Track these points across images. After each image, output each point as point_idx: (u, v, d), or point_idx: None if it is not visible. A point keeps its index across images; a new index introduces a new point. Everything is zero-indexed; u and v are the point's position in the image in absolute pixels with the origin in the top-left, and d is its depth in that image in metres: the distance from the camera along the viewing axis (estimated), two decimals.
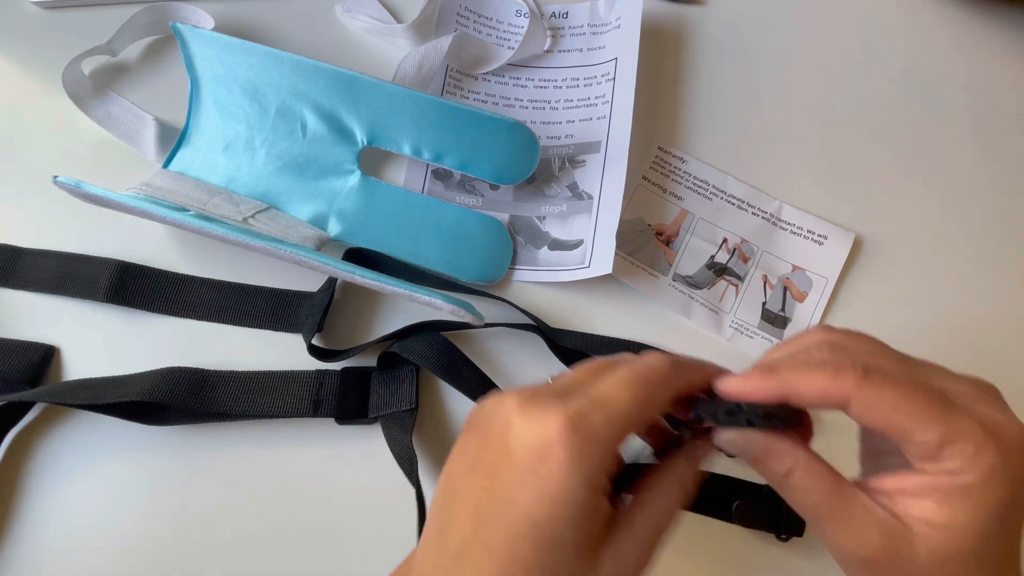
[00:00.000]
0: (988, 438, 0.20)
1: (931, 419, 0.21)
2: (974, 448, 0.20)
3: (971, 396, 0.22)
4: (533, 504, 0.21)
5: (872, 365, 0.22)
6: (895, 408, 0.21)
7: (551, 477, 0.21)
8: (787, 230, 0.43)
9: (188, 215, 0.37)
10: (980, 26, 0.48)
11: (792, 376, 0.22)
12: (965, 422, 0.21)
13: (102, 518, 0.37)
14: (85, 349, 0.40)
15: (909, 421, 0.21)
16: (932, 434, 0.21)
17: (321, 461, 0.38)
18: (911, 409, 0.21)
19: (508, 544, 0.21)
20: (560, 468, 0.21)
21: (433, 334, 0.39)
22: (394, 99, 0.40)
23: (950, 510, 0.21)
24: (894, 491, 0.22)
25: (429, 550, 0.24)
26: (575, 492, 0.21)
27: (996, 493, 0.20)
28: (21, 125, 0.44)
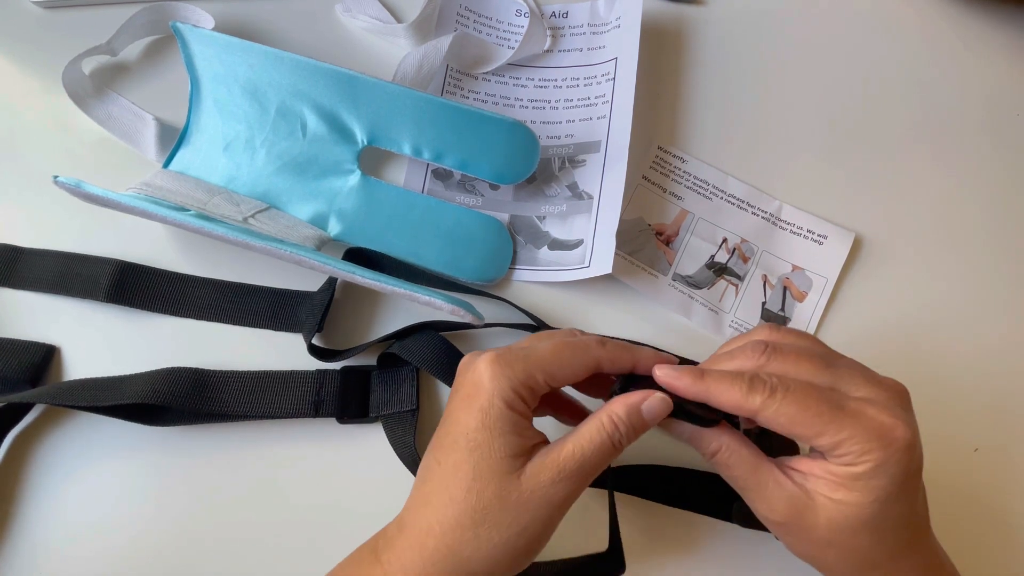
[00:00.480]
0: (872, 438, 0.26)
1: (823, 428, 0.26)
2: (860, 448, 0.26)
3: (871, 401, 0.27)
4: (465, 417, 0.28)
5: (783, 381, 0.27)
6: (793, 421, 0.26)
7: (478, 394, 0.28)
8: (787, 230, 0.44)
9: (188, 215, 0.37)
10: (980, 25, 0.48)
11: (715, 386, 0.28)
12: (853, 427, 0.26)
13: (102, 519, 0.37)
14: (85, 349, 0.40)
15: (805, 431, 0.26)
16: (825, 440, 0.26)
17: (322, 461, 0.38)
18: (807, 421, 0.26)
19: (449, 453, 0.28)
20: (485, 386, 0.28)
21: (433, 335, 0.39)
22: (394, 99, 0.40)
23: (844, 490, 0.27)
24: (807, 471, 0.28)
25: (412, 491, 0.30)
26: (493, 403, 0.27)
27: (880, 481, 0.26)
28: (21, 125, 0.44)
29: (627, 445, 0.29)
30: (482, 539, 0.27)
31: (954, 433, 0.40)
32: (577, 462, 0.27)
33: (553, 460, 0.28)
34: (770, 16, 0.48)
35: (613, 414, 0.28)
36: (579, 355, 0.29)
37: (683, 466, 0.39)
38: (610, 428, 0.28)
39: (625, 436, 0.28)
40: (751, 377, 0.27)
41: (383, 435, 0.38)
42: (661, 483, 0.38)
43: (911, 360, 0.42)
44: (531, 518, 0.27)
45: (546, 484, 0.27)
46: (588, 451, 0.28)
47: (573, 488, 0.28)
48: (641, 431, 0.29)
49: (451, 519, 0.27)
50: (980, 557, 0.38)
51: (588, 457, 0.28)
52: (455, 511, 0.27)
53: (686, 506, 0.38)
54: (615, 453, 0.28)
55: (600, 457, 0.28)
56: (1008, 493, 0.40)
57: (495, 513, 0.27)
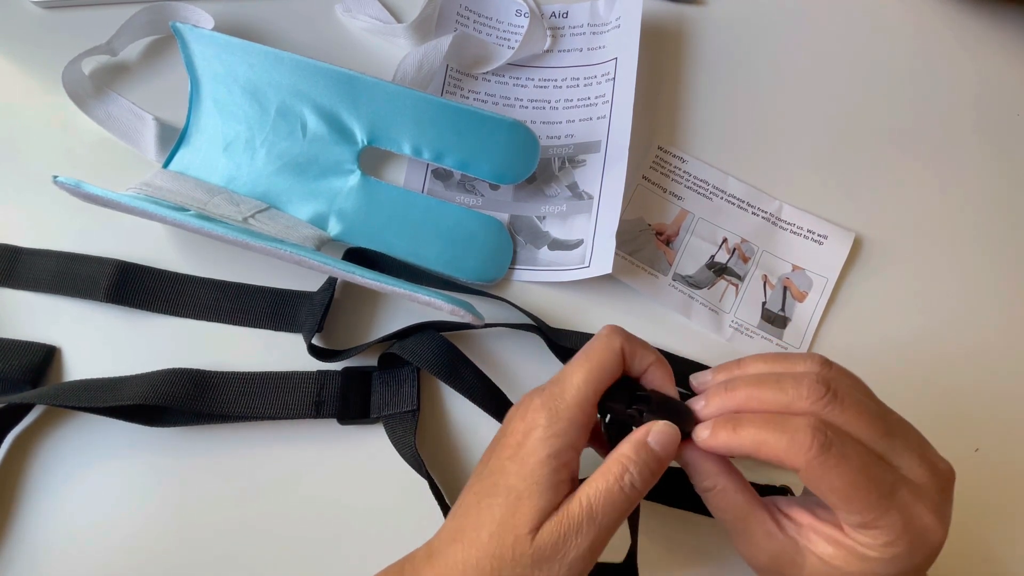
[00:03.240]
0: (905, 536, 0.24)
1: (864, 508, 0.24)
2: (887, 539, 0.24)
3: (921, 492, 0.25)
4: (511, 465, 0.27)
5: (839, 439, 0.25)
6: (833, 490, 0.25)
7: (526, 443, 0.27)
8: (787, 230, 0.44)
9: (188, 215, 0.37)
10: (981, 25, 0.48)
11: (756, 435, 0.26)
12: (893, 517, 0.24)
13: (103, 520, 0.37)
14: (86, 349, 0.40)
15: (844, 505, 0.25)
16: (858, 518, 0.25)
17: (323, 461, 0.38)
18: (851, 497, 0.24)
19: (488, 495, 0.27)
20: (534, 437, 0.27)
21: (433, 335, 0.39)
22: (394, 99, 0.40)
23: (845, 560, 0.25)
24: (804, 524, 0.27)
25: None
26: (538, 457, 0.27)
27: (891, 569, 0.25)
28: (21, 125, 0.44)
29: (644, 486, 0.27)
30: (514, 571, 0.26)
31: (954, 433, 0.39)
32: (585, 514, 0.26)
33: (562, 517, 0.26)
34: (770, 16, 0.48)
35: (621, 456, 0.27)
36: (602, 351, 0.28)
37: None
38: (617, 471, 0.26)
39: (639, 476, 0.27)
40: (810, 427, 0.25)
41: (384, 435, 0.38)
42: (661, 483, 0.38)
43: (911, 360, 0.42)
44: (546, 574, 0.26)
45: (559, 543, 0.26)
46: (595, 501, 0.26)
47: (587, 543, 0.26)
48: (657, 466, 0.27)
49: (473, 562, 0.26)
50: (980, 556, 0.38)
51: (596, 508, 0.26)
52: (478, 554, 0.26)
53: (687, 506, 0.38)
54: (628, 497, 0.27)
55: (610, 505, 0.26)
56: (1008, 493, 0.40)
57: (508, 567, 0.26)
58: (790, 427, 0.25)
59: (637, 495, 0.27)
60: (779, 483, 0.39)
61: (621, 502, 0.26)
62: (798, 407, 0.26)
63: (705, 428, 0.28)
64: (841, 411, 0.25)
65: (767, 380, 0.27)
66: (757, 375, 0.28)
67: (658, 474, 0.27)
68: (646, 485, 0.27)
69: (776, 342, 0.42)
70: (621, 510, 0.26)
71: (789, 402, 0.26)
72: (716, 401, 0.28)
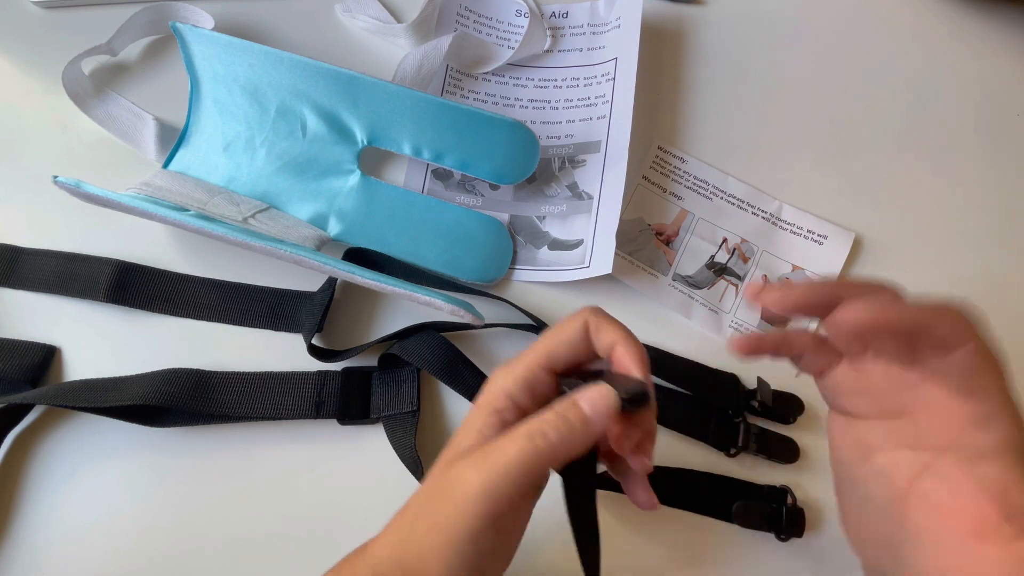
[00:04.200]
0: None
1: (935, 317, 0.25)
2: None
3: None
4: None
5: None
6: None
7: (478, 401, 0.28)
8: (787, 230, 0.44)
9: (188, 215, 0.37)
10: (981, 25, 0.48)
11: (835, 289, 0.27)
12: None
13: (102, 519, 0.37)
14: (86, 349, 0.40)
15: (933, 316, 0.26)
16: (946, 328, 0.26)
17: (323, 462, 0.38)
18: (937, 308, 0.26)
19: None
20: (483, 394, 0.28)
21: (433, 335, 0.39)
22: (394, 99, 0.40)
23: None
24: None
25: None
26: (481, 408, 0.27)
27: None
28: (21, 125, 0.44)
29: (560, 439, 0.25)
30: (415, 527, 0.26)
31: None
32: (493, 458, 0.25)
33: (474, 454, 0.25)
34: (770, 16, 0.48)
35: (546, 410, 0.26)
36: (567, 325, 0.28)
37: (683, 467, 0.39)
38: (535, 425, 0.25)
39: (555, 429, 0.25)
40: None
41: (384, 436, 0.38)
42: (662, 484, 0.38)
43: None
44: (444, 515, 0.25)
45: (459, 479, 0.25)
46: (508, 447, 0.25)
47: (485, 488, 0.24)
48: (582, 425, 0.25)
49: (408, 504, 0.27)
50: None
51: (506, 451, 0.24)
52: (412, 497, 0.27)
53: (686, 506, 0.38)
54: (547, 451, 0.24)
55: (519, 454, 0.24)
56: None
57: (422, 500, 0.26)
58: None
59: (549, 450, 0.25)
60: (779, 483, 0.39)
61: (531, 455, 0.24)
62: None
63: (758, 287, 0.28)
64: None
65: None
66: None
67: (581, 432, 0.25)
68: (563, 443, 0.25)
69: None
70: (527, 462, 0.24)
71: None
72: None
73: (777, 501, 0.38)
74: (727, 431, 0.39)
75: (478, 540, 0.24)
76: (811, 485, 0.39)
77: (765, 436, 0.39)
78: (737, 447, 0.39)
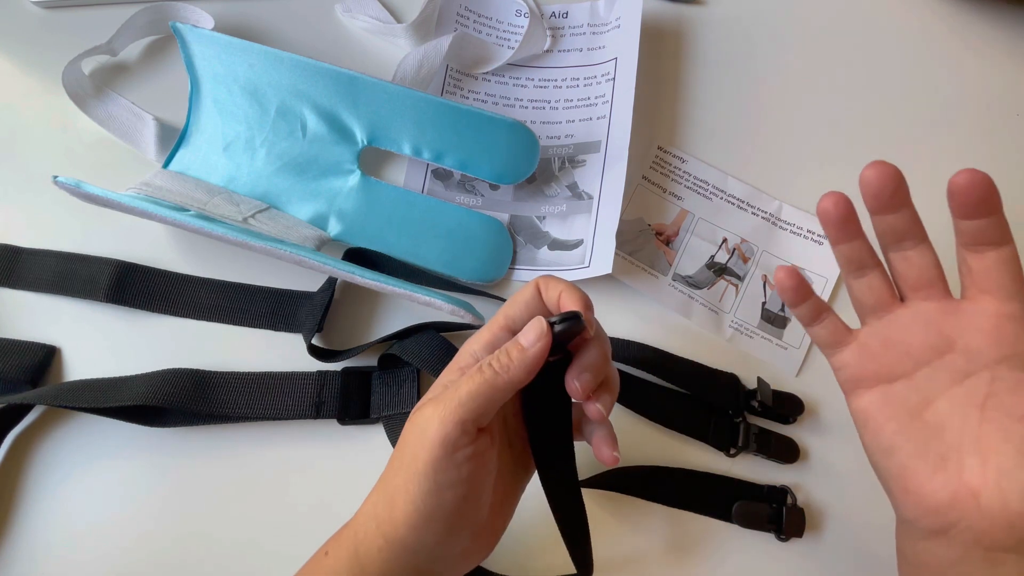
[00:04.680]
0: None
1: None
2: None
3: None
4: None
5: None
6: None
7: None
8: (787, 230, 0.43)
9: (188, 215, 0.37)
10: (981, 26, 0.48)
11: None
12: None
13: (102, 520, 0.37)
14: (86, 349, 0.40)
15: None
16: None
17: (323, 462, 0.38)
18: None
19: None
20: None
21: (433, 335, 0.39)
22: (394, 99, 0.40)
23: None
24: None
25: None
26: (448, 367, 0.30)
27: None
28: (21, 125, 0.44)
29: (502, 368, 0.26)
30: (392, 482, 0.27)
31: None
32: (449, 391, 0.26)
33: (433, 391, 0.28)
34: (770, 16, 0.48)
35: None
36: (521, 291, 0.29)
37: (683, 467, 0.39)
38: (485, 361, 0.27)
39: (496, 358, 0.27)
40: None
41: (384, 436, 0.38)
42: (662, 484, 0.38)
43: None
44: (409, 457, 0.26)
45: (421, 418, 0.26)
46: (462, 382, 0.26)
47: (445, 411, 0.26)
48: (516, 352, 0.26)
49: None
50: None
51: (460, 385, 0.26)
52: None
53: (686, 506, 0.38)
54: (491, 379, 0.26)
55: (471, 385, 0.26)
56: None
57: (393, 455, 0.28)
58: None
59: (493, 377, 0.26)
60: (779, 483, 0.39)
61: (478, 381, 0.26)
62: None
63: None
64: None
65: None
66: None
67: (519, 360, 0.26)
68: (505, 369, 0.26)
69: (776, 342, 0.42)
70: (476, 390, 0.26)
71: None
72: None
73: (777, 501, 0.38)
74: (727, 431, 0.39)
75: (437, 470, 0.26)
76: (811, 485, 0.39)
77: (765, 436, 0.39)
78: (737, 447, 0.39)
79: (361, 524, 0.28)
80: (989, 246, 0.28)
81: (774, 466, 0.39)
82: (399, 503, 0.26)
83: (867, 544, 0.38)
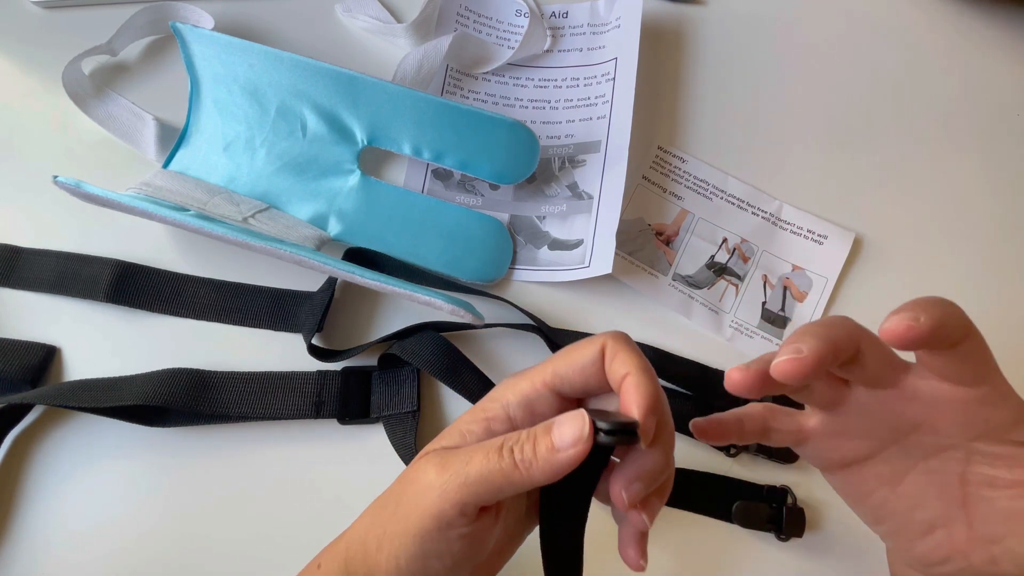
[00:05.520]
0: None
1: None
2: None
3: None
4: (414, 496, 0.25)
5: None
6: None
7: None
8: (787, 230, 0.43)
9: (188, 215, 0.37)
10: (981, 26, 0.48)
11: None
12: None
13: (102, 520, 0.37)
14: (86, 349, 0.40)
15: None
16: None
17: (324, 461, 0.38)
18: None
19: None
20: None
21: (433, 335, 0.39)
22: (394, 99, 0.40)
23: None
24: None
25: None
26: (473, 412, 0.27)
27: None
28: (21, 125, 0.44)
29: (523, 462, 0.23)
30: (378, 513, 0.26)
31: None
32: (458, 466, 0.23)
33: (440, 456, 0.24)
34: (770, 16, 0.48)
35: (523, 430, 0.24)
36: (584, 345, 0.25)
37: (683, 467, 0.39)
38: (512, 437, 0.24)
39: (520, 445, 0.23)
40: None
41: (384, 436, 0.38)
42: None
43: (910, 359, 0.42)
44: (405, 504, 0.24)
45: (424, 484, 0.24)
46: (474, 457, 0.23)
47: (446, 486, 0.23)
48: (543, 449, 0.23)
49: (386, 490, 0.27)
50: None
51: (472, 462, 0.23)
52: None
53: (686, 506, 0.38)
54: (508, 469, 0.23)
55: (485, 466, 0.23)
56: None
57: (394, 487, 0.26)
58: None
59: (510, 470, 0.23)
60: (779, 483, 0.39)
61: (497, 473, 0.23)
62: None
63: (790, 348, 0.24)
64: None
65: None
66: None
67: (544, 460, 0.23)
68: (526, 467, 0.23)
69: (776, 342, 0.42)
70: (494, 479, 0.23)
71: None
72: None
73: (777, 501, 0.38)
74: None
75: (425, 540, 0.24)
76: (811, 485, 0.39)
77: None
78: (737, 447, 0.39)
79: (353, 543, 0.27)
80: (944, 351, 0.25)
81: (774, 466, 0.39)
82: (384, 550, 0.25)
83: (867, 544, 0.38)
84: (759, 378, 0.25)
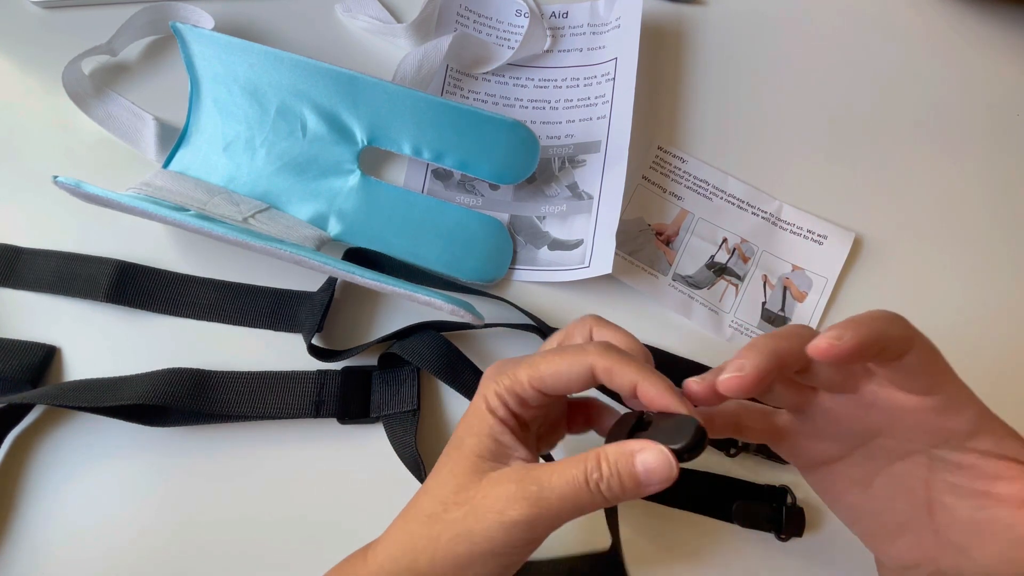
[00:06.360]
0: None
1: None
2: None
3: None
4: (461, 421, 0.28)
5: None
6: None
7: (473, 400, 0.28)
8: (787, 230, 0.44)
9: (188, 215, 0.37)
10: (980, 25, 0.48)
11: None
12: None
13: (103, 519, 0.37)
14: (86, 349, 0.40)
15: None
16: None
17: (324, 461, 0.38)
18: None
19: (444, 451, 0.28)
20: (478, 392, 0.28)
21: (433, 334, 0.39)
22: (394, 99, 0.40)
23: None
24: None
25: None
26: (476, 405, 0.27)
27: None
28: (21, 125, 0.44)
29: (611, 495, 0.24)
30: (433, 536, 0.26)
31: None
32: (540, 487, 0.24)
33: (519, 474, 0.25)
34: (770, 16, 0.48)
35: (602, 452, 0.25)
36: (571, 361, 0.26)
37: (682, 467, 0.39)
38: (592, 464, 0.24)
39: (606, 481, 0.24)
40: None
41: (384, 435, 0.38)
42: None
43: None
44: (479, 529, 0.25)
45: (502, 497, 0.25)
46: (556, 481, 0.24)
47: (529, 514, 0.24)
48: (631, 485, 0.24)
49: (420, 510, 0.27)
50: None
51: (554, 487, 0.24)
52: (424, 501, 0.27)
53: (686, 506, 0.38)
54: (592, 498, 0.24)
55: (569, 492, 0.24)
56: None
57: (450, 510, 0.26)
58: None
59: (595, 501, 0.24)
60: (779, 483, 0.39)
61: (582, 497, 0.24)
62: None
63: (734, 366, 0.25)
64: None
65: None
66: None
67: (632, 493, 0.24)
68: (613, 497, 0.25)
69: None
70: (577, 504, 0.24)
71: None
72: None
73: (777, 501, 0.38)
74: None
75: (500, 557, 0.25)
76: None
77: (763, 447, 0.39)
78: (737, 447, 0.39)
79: (394, 571, 0.27)
80: (888, 363, 0.25)
81: (774, 466, 0.39)
82: (440, 554, 0.26)
83: None
84: (710, 391, 0.26)
